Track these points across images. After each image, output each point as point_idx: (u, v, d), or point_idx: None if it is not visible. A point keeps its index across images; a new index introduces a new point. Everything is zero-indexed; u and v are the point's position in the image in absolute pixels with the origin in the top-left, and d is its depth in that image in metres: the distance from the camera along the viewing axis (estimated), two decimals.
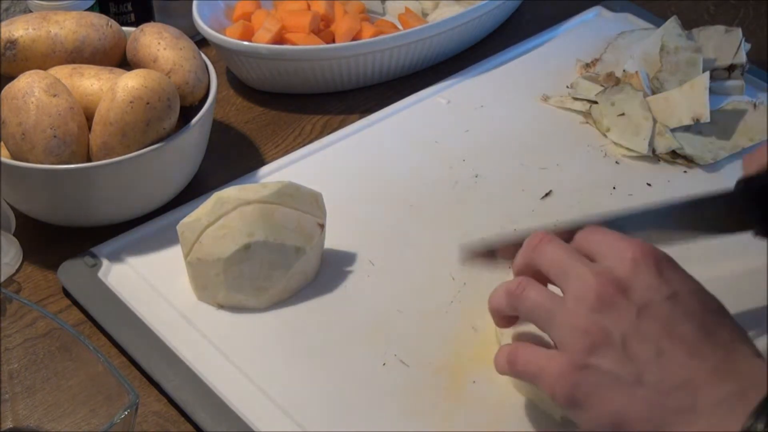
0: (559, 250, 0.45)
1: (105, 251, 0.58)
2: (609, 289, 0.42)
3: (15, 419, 0.49)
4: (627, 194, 0.63)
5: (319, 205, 0.56)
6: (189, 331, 0.53)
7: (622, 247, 0.44)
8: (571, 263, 0.44)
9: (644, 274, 0.43)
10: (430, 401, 0.49)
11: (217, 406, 0.49)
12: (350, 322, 0.54)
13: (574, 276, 0.44)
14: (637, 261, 0.43)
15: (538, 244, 0.46)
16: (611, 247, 0.44)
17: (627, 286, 0.43)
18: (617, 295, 0.42)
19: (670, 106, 0.67)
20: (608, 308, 0.42)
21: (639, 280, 0.43)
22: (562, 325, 0.43)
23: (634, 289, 0.43)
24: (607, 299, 0.42)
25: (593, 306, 0.42)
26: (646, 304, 0.42)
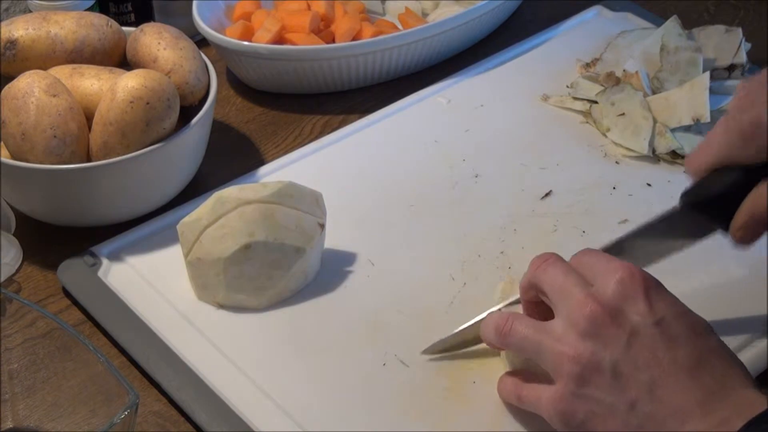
0: (558, 272, 0.45)
1: (105, 251, 0.58)
2: (597, 314, 0.43)
3: (15, 419, 0.49)
4: (627, 194, 0.63)
5: (319, 205, 0.56)
6: (189, 331, 0.53)
7: (610, 269, 0.44)
8: (565, 285, 0.45)
9: (632, 298, 0.43)
10: (430, 402, 0.49)
11: (217, 406, 0.49)
12: (350, 322, 0.54)
13: (568, 299, 0.44)
14: (624, 283, 0.43)
15: (542, 263, 0.46)
16: (600, 269, 0.45)
17: (616, 311, 0.43)
18: (606, 320, 0.43)
19: (671, 106, 0.67)
20: (598, 333, 0.43)
21: (627, 304, 0.43)
22: (551, 353, 0.44)
23: (622, 314, 0.43)
24: (597, 324, 0.43)
25: (583, 331, 0.43)
26: (635, 330, 0.43)
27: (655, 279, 0.45)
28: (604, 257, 0.46)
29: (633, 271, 0.44)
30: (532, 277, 0.47)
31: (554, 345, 0.44)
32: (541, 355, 0.45)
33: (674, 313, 0.43)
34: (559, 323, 0.44)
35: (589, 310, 0.43)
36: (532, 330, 0.45)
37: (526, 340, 0.45)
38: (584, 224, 0.60)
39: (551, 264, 0.46)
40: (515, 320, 0.46)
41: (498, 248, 0.58)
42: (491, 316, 0.48)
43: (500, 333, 0.46)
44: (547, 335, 0.44)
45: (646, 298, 0.43)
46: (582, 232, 0.60)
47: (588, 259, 0.46)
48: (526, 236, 0.59)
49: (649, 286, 0.44)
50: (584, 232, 0.60)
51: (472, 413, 0.49)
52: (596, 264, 0.45)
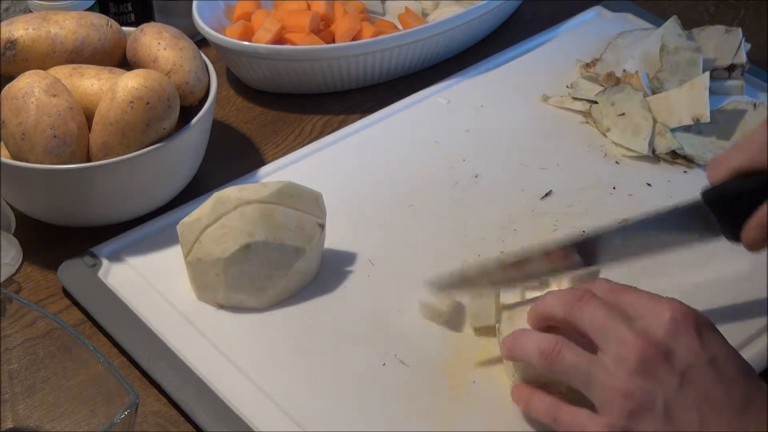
0: (600, 310, 0.45)
1: (105, 251, 0.58)
2: (650, 352, 0.43)
3: (15, 419, 0.49)
4: (627, 194, 0.63)
5: (319, 205, 0.56)
6: (189, 331, 0.53)
7: (660, 307, 0.44)
8: (612, 323, 0.44)
9: (684, 336, 0.43)
10: (430, 401, 0.49)
11: (217, 406, 0.49)
12: (350, 322, 0.54)
13: (615, 337, 0.44)
14: (676, 322, 0.43)
15: (578, 302, 0.46)
16: (648, 307, 0.44)
17: (668, 350, 0.43)
18: (659, 359, 0.43)
19: (670, 106, 0.67)
20: (650, 372, 0.42)
21: (679, 343, 0.43)
22: (602, 387, 0.43)
23: (675, 353, 0.43)
24: (649, 363, 0.42)
25: (635, 369, 0.43)
26: (688, 370, 0.42)
27: (705, 317, 0.44)
28: (646, 295, 0.45)
29: (684, 310, 0.44)
30: (570, 317, 0.46)
31: (606, 379, 0.43)
32: (591, 387, 0.44)
33: (725, 353, 0.43)
34: (609, 360, 0.43)
35: (640, 349, 0.43)
36: (584, 360, 0.44)
37: (576, 369, 0.44)
38: (584, 224, 0.60)
39: (588, 303, 0.45)
40: (564, 346, 0.45)
41: (498, 248, 0.58)
42: (526, 335, 0.47)
43: (546, 356, 0.45)
44: (599, 368, 0.44)
45: (698, 337, 0.43)
46: (582, 232, 0.59)
47: (630, 298, 0.45)
48: (525, 236, 0.59)
49: (701, 325, 0.44)
50: (584, 232, 0.59)
51: (473, 413, 0.49)
52: (640, 302, 0.45)
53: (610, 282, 0.47)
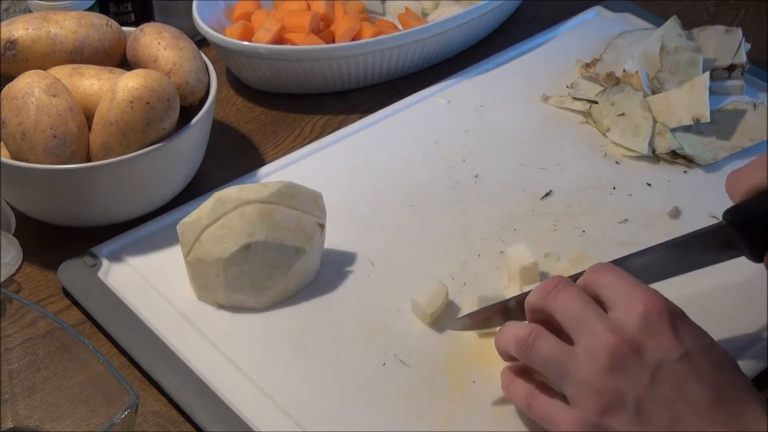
0: (573, 300, 0.45)
1: (105, 251, 0.58)
2: (622, 349, 0.42)
3: (15, 419, 0.48)
4: (627, 194, 0.63)
5: (319, 205, 0.56)
6: (189, 331, 0.53)
7: (634, 298, 0.43)
8: (584, 315, 0.44)
9: (657, 331, 0.43)
10: (431, 401, 0.49)
11: (217, 406, 0.49)
12: (350, 322, 0.54)
13: (588, 330, 0.43)
14: (650, 315, 0.43)
15: (552, 289, 0.45)
16: (623, 295, 0.44)
17: (640, 345, 0.42)
18: (630, 355, 0.42)
19: (670, 106, 0.67)
20: (621, 369, 0.42)
21: (652, 338, 0.42)
22: (574, 381, 0.43)
23: (647, 349, 0.42)
24: (621, 359, 0.42)
25: (606, 365, 0.42)
26: (660, 366, 0.42)
27: (679, 310, 0.44)
28: (624, 280, 0.45)
29: (658, 303, 0.43)
30: (543, 304, 0.46)
31: (578, 373, 0.43)
32: (564, 380, 0.44)
33: (699, 347, 0.43)
34: (581, 352, 0.43)
35: (611, 345, 0.42)
36: (558, 352, 0.44)
37: (550, 361, 0.44)
38: (584, 224, 0.60)
39: (562, 291, 0.45)
40: (539, 336, 0.45)
41: (498, 248, 0.58)
42: (511, 325, 0.47)
43: (521, 345, 0.45)
44: (572, 360, 0.43)
45: (671, 332, 0.43)
46: (582, 231, 0.60)
47: (608, 279, 0.45)
48: (525, 236, 0.59)
49: (675, 318, 0.43)
50: (584, 231, 0.60)
51: (473, 413, 0.49)
52: (617, 287, 0.44)
53: (595, 265, 0.46)
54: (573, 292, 0.45)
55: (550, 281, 0.46)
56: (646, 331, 0.42)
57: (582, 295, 0.45)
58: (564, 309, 0.45)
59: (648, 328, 0.43)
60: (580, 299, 0.45)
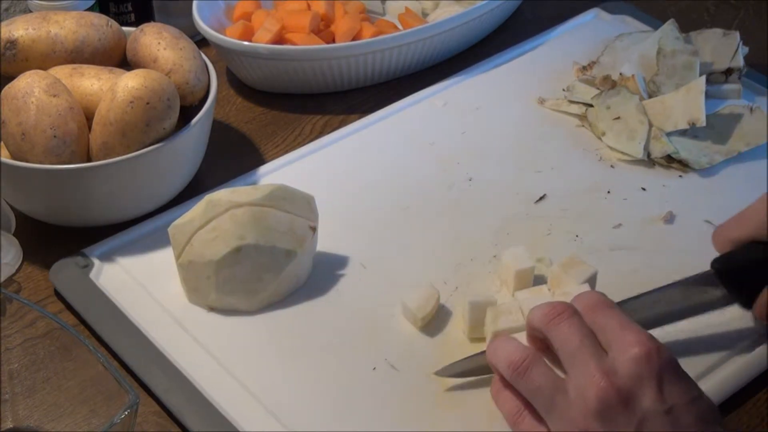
0: (574, 332, 0.45)
1: (97, 252, 0.58)
2: (611, 396, 0.42)
3: (15, 419, 0.49)
4: (622, 199, 0.63)
5: (311, 207, 0.56)
6: (179, 334, 0.53)
7: (626, 342, 0.43)
8: (581, 351, 0.44)
9: (646, 381, 0.43)
10: (420, 406, 0.50)
11: (206, 409, 0.49)
12: (341, 326, 0.54)
13: (581, 367, 0.44)
14: (639, 363, 0.43)
15: (557, 316, 0.45)
16: (616, 338, 0.44)
17: (628, 395, 0.43)
18: (618, 404, 0.42)
19: (666, 109, 0.67)
20: (608, 415, 0.42)
21: (640, 388, 0.43)
22: (560, 417, 0.44)
23: (635, 399, 0.43)
24: (609, 407, 0.42)
25: (594, 409, 0.43)
26: (645, 418, 0.42)
27: (671, 358, 0.44)
28: (619, 322, 0.45)
29: (649, 349, 0.43)
30: (545, 330, 0.46)
31: (566, 410, 0.43)
32: (550, 413, 0.44)
33: (685, 401, 0.43)
34: (571, 389, 0.44)
35: (601, 390, 0.42)
36: (549, 385, 0.44)
37: (540, 392, 0.44)
38: (578, 228, 0.60)
39: (566, 321, 0.45)
40: (533, 363, 0.45)
41: (491, 251, 0.59)
42: (506, 343, 0.47)
43: (513, 369, 0.45)
44: (561, 395, 0.44)
45: (658, 384, 0.43)
46: (575, 236, 0.60)
47: (604, 320, 0.45)
48: (519, 240, 0.59)
49: (664, 369, 0.43)
50: (577, 236, 0.60)
51: (463, 418, 0.49)
52: (612, 329, 0.44)
53: (595, 296, 0.47)
54: (576, 324, 0.45)
55: (557, 307, 0.46)
56: (636, 379, 0.43)
57: (584, 328, 0.45)
58: (563, 340, 0.45)
59: (636, 375, 0.43)
60: (580, 333, 0.45)
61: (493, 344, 0.48)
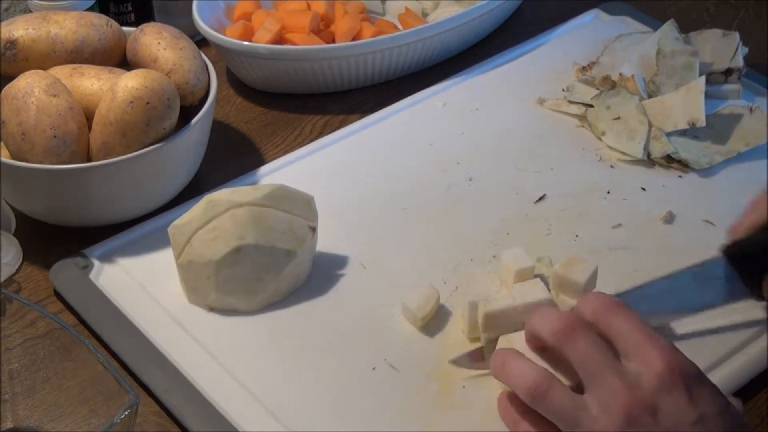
0: (591, 348, 0.44)
1: (97, 252, 0.58)
2: (638, 409, 0.42)
3: (15, 419, 0.49)
4: (622, 199, 0.63)
5: (311, 207, 0.56)
6: (179, 334, 0.53)
7: (651, 353, 0.43)
8: (602, 368, 0.43)
9: (673, 392, 0.42)
10: (420, 406, 0.50)
11: (206, 409, 0.49)
12: (341, 326, 0.54)
13: (604, 384, 0.43)
14: (666, 376, 0.42)
15: (571, 333, 0.44)
16: (639, 349, 0.43)
17: (656, 407, 0.42)
18: (646, 417, 0.42)
19: (666, 109, 0.67)
20: (634, 429, 0.42)
21: (668, 399, 0.42)
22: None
23: (662, 411, 0.42)
24: (636, 420, 0.42)
25: (621, 424, 0.42)
26: (673, 429, 0.42)
27: (695, 368, 0.44)
28: (639, 329, 0.44)
29: (676, 361, 0.43)
30: (559, 347, 0.45)
31: (591, 426, 0.43)
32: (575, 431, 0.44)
33: (714, 410, 0.43)
34: (595, 405, 0.43)
35: (627, 404, 0.42)
36: (570, 403, 0.44)
37: (562, 413, 0.44)
38: (578, 228, 0.60)
39: (581, 337, 0.44)
40: (550, 387, 0.44)
41: (491, 252, 0.59)
42: (515, 362, 0.46)
43: (532, 394, 0.44)
44: (584, 413, 0.43)
45: (687, 394, 0.42)
46: (575, 236, 0.60)
47: (620, 326, 0.44)
48: (519, 240, 0.59)
49: (691, 380, 0.43)
50: (577, 236, 0.60)
51: (462, 418, 0.49)
52: (632, 338, 0.44)
53: (602, 298, 0.46)
54: (591, 339, 0.44)
55: (567, 322, 0.45)
56: (662, 392, 0.42)
57: (598, 343, 0.44)
58: (581, 357, 0.44)
59: (664, 388, 0.42)
60: (597, 348, 0.44)
61: (503, 363, 0.47)
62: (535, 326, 0.46)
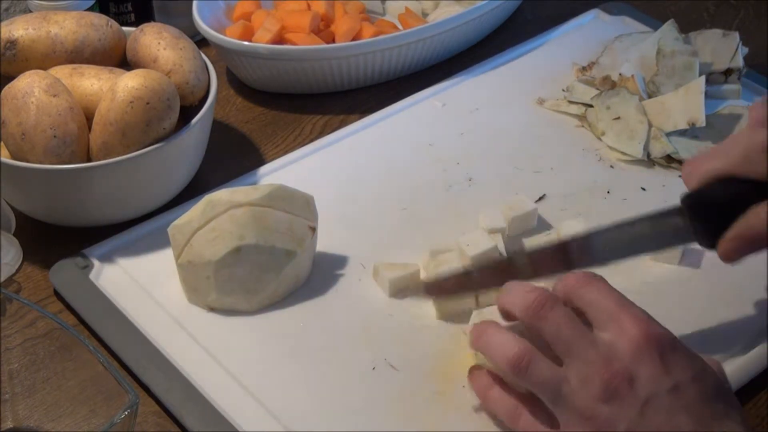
0: (563, 321, 0.45)
1: (97, 253, 0.58)
2: (615, 379, 0.43)
3: (15, 419, 0.49)
4: (621, 198, 0.63)
5: (310, 208, 0.56)
6: (179, 334, 0.54)
7: (625, 323, 0.44)
8: (576, 342, 0.44)
9: (648, 360, 0.43)
10: (420, 405, 0.50)
11: (206, 409, 0.50)
12: (341, 326, 0.54)
13: (580, 356, 0.44)
14: (641, 344, 0.43)
15: (540, 309, 0.45)
16: (612, 318, 0.44)
17: (632, 376, 0.43)
18: (623, 386, 0.43)
19: (666, 110, 0.67)
20: (613, 398, 0.43)
21: (643, 368, 0.43)
22: (566, 406, 0.44)
23: (638, 379, 0.43)
24: (613, 390, 0.43)
25: (598, 394, 0.43)
26: (650, 397, 0.43)
27: (670, 335, 0.44)
28: (612, 298, 0.45)
29: (650, 330, 0.43)
30: (531, 323, 0.46)
31: (572, 397, 0.44)
32: (556, 404, 0.44)
33: (689, 377, 0.43)
34: (573, 376, 0.44)
35: (605, 375, 0.43)
36: (553, 376, 0.44)
37: (546, 385, 0.44)
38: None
39: (551, 311, 0.45)
40: (532, 360, 0.45)
41: None
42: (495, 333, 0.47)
43: (514, 366, 0.45)
44: (565, 384, 0.44)
45: (661, 363, 0.43)
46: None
47: (593, 295, 0.45)
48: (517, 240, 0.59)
49: (666, 347, 0.43)
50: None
51: (462, 417, 0.49)
52: (605, 308, 0.44)
53: (575, 274, 0.46)
54: (561, 312, 0.45)
55: (537, 297, 0.46)
56: (638, 361, 0.43)
57: (570, 315, 0.45)
58: (554, 331, 0.45)
59: (640, 357, 0.43)
60: (569, 321, 0.45)
61: (482, 334, 0.47)
62: (506, 303, 0.47)
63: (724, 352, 0.52)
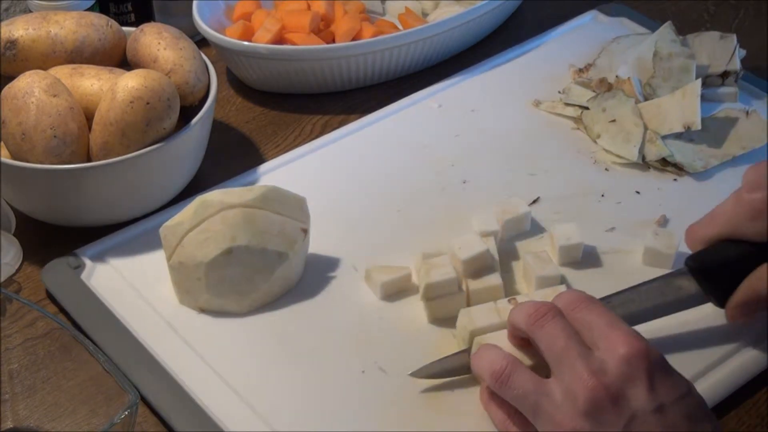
0: (559, 333, 0.45)
1: (88, 253, 0.58)
2: (600, 395, 0.43)
3: (15, 419, 0.49)
4: (616, 202, 0.63)
5: (303, 209, 0.56)
6: (169, 336, 0.53)
7: (615, 341, 0.44)
8: (568, 352, 0.44)
9: (634, 380, 0.43)
10: (409, 409, 0.50)
11: (194, 411, 0.49)
12: (331, 329, 0.54)
13: (569, 368, 0.44)
14: (629, 363, 0.43)
15: (541, 318, 0.45)
16: (603, 336, 0.44)
17: (617, 394, 0.43)
18: (607, 403, 0.43)
19: (662, 112, 0.67)
20: (597, 416, 0.43)
21: (629, 386, 0.43)
22: (548, 419, 0.44)
23: (623, 398, 0.43)
24: (598, 406, 0.43)
25: (583, 409, 0.43)
26: (634, 417, 0.43)
27: (658, 355, 0.44)
28: (605, 319, 0.45)
29: (639, 348, 0.43)
30: (529, 332, 0.46)
31: (552, 412, 0.44)
32: (537, 417, 0.44)
33: (674, 399, 0.43)
34: (558, 390, 0.44)
35: (591, 390, 0.43)
36: (532, 387, 0.44)
37: (525, 398, 0.45)
38: None
39: (550, 321, 0.45)
40: (514, 370, 0.45)
41: None
42: (486, 350, 0.47)
43: (496, 378, 0.46)
44: (546, 398, 0.44)
45: (648, 383, 0.43)
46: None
47: (589, 317, 0.45)
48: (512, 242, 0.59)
49: (654, 368, 0.43)
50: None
51: (450, 421, 0.49)
52: (598, 326, 0.45)
53: (576, 293, 0.47)
54: (560, 324, 0.45)
55: (540, 308, 0.46)
56: (624, 378, 0.43)
57: (568, 328, 0.45)
58: (549, 341, 0.45)
59: (627, 374, 0.43)
60: (566, 333, 0.45)
61: (477, 354, 0.48)
62: (514, 317, 0.47)
63: (722, 352, 0.53)
